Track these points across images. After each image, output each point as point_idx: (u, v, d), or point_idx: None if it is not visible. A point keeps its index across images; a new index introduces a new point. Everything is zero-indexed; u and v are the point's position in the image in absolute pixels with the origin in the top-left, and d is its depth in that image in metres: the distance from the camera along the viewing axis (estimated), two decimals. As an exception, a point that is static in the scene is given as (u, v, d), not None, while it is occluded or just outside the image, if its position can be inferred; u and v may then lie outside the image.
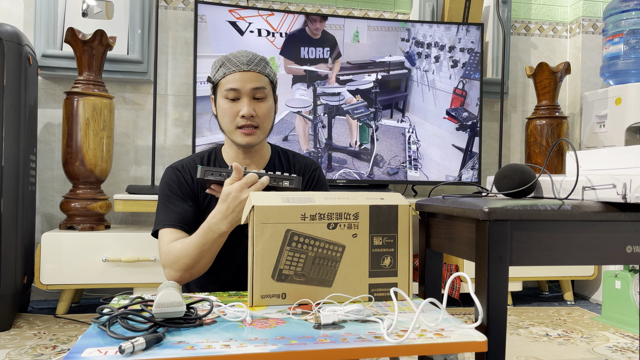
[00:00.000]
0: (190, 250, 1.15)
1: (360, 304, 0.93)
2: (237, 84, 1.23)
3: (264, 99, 1.26)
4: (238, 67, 1.23)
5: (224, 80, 1.25)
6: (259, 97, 1.25)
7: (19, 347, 1.87)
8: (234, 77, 1.23)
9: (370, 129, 2.66)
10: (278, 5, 2.90)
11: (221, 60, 1.26)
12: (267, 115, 1.27)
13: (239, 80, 1.23)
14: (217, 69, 1.26)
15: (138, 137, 2.75)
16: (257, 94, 1.25)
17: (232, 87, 1.23)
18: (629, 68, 2.74)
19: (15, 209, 2.08)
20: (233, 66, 1.24)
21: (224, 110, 1.25)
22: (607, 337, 2.13)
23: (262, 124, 1.27)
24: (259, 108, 1.25)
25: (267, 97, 1.27)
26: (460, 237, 1.01)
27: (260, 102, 1.26)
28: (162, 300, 0.81)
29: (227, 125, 1.26)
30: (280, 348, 0.73)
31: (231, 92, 1.23)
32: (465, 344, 0.79)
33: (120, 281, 2.26)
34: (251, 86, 1.23)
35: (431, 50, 2.72)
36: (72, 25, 2.42)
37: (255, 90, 1.24)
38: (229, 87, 1.23)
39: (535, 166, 1.11)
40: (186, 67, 2.79)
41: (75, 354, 0.71)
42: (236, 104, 1.24)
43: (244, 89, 1.23)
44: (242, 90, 1.23)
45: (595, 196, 0.96)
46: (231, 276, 1.31)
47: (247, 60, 1.24)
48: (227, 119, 1.25)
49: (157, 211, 1.28)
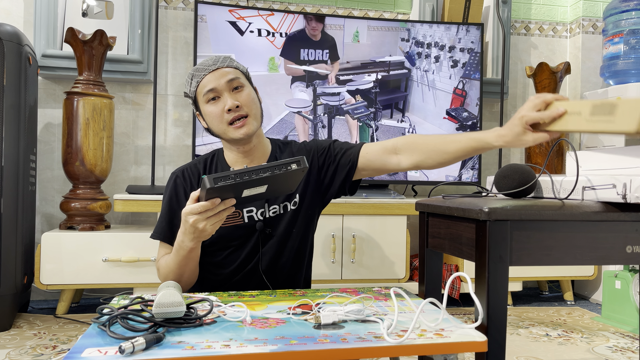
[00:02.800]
0: (170, 267, 1.19)
1: (360, 303, 0.93)
2: (212, 83, 1.25)
3: (242, 87, 1.27)
4: (207, 70, 1.26)
5: (199, 88, 1.27)
6: (237, 87, 1.26)
7: (19, 347, 1.87)
8: (206, 79, 1.26)
9: (370, 129, 2.66)
10: (278, 6, 2.90)
11: (190, 74, 1.30)
12: (252, 102, 1.28)
13: (212, 79, 1.25)
14: (190, 82, 1.30)
15: (138, 137, 2.75)
16: (234, 83, 1.26)
17: (208, 88, 1.25)
18: (629, 68, 2.74)
19: (15, 209, 2.08)
20: (202, 72, 1.27)
21: (209, 114, 1.27)
22: (607, 337, 2.13)
23: (251, 111, 1.27)
24: (241, 97, 1.26)
25: (245, 85, 1.28)
26: (460, 237, 1.01)
27: (240, 91, 1.27)
28: (162, 300, 0.81)
29: (219, 126, 1.27)
30: (280, 348, 0.73)
31: (210, 93, 1.25)
32: (466, 344, 0.79)
33: (120, 281, 2.26)
34: (225, 80, 1.25)
35: (431, 50, 2.72)
36: (72, 25, 2.42)
37: (230, 82, 1.25)
38: (206, 89, 1.25)
39: (535, 166, 1.11)
40: (186, 67, 2.79)
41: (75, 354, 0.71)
42: (218, 102, 1.25)
43: (220, 85, 1.25)
44: (219, 87, 1.25)
45: (595, 196, 0.96)
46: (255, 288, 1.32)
47: (212, 61, 1.27)
48: (217, 120, 1.26)
49: (160, 215, 1.34)
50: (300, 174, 1.03)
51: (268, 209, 1.31)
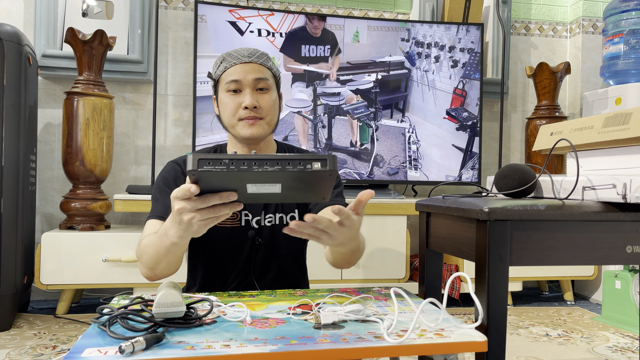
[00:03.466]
0: (150, 248, 1.02)
1: (360, 303, 0.93)
2: (239, 75, 1.18)
3: (267, 90, 1.20)
4: (239, 60, 1.19)
5: (224, 74, 1.20)
6: (262, 88, 1.19)
7: (19, 347, 1.87)
8: (234, 69, 1.18)
9: (370, 129, 2.66)
10: (278, 5, 2.90)
11: (222, 56, 1.22)
12: (272, 107, 1.21)
13: (240, 71, 1.18)
14: (218, 65, 1.22)
15: (138, 137, 2.75)
16: (260, 84, 1.19)
17: (233, 78, 1.18)
18: (629, 68, 2.74)
19: (15, 209, 2.08)
20: (234, 59, 1.19)
21: (225, 104, 1.20)
22: (607, 337, 2.13)
23: (267, 116, 1.20)
24: (263, 99, 1.19)
25: (271, 88, 1.21)
26: (460, 237, 1.01)
27: (264, 93, 1.20)
28: (162, 300, 0.81)
29: (229, 119, 1.20)
30: (281, 348, 0.73)
31: (232, 83, 1.18)
32: (466, 344, 0.79)
33: (120, 281, 2.26)
34: (253, 77, 1.18)
35: (431, 50, 2.71)
36: (72, 25, 2.42)
37: (257, 81, 1.18)
38: (230, 79, 1.18)
39: (535, 166, 1.11)
40: (186, 67, 2.79)
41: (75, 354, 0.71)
42: (238, 96, 1.18)
43: (246, 80, 1.18)
44: (244, 81, 1.18)
45: (595, 196, 0.96)
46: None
47: (249, 53, 1.20)
48: (229, 112, 1.19)
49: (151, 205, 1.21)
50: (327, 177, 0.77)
51: (264, 217, 1.25)
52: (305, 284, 1.37)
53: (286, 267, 1.30)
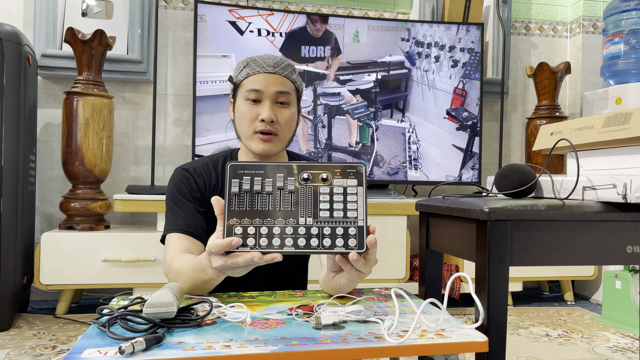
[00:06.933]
0: (184, 276, 1.01)
1: (361, 304, 0.93)
2: (260, 85, 1.14)
3: (287, 105, 1.16)
4: (263, 69, 1.15)
5: (246, 81, 1.16)
6: (282, 102, 1.16)
7: (19, 347, 1.87)
8: (257, 78, 1.14)
9: (370, 129, 2.66)
10: (278, 5, 2.89)
11: (246, 61, 1.18)
12: (289, 124, 1.17)
13: (262, 81, 1.14)
14: (241, 69, 1.18)
15: (138, 137, 2.75)
16: (281, 98, 1.15)
17: (254, 87, 1.14)
18: (629, 68, 2.74)
19: (15, 209, 2.07)
20: (258, 67, 1.15)
21: (242, 113, 1.16)
22: (607, 337, 2.12)
23: (282, 132, 1.16)
24: (281, 114, 1.15)
25: (291, 103, 1.17)
26: (460, 237, 1.01)
27: (283, 107, 1.16)
28: (153, 300, 0.81)
29: (245, 130, 1.16)
30: (281, 349, 0.73)
31: (253, 92, 1.14)
32: (466, 344, 0.79)
33: (119, 281, 2.25)
34: (275, 89, 1.14)
35: (431, 50, 2.71)
36: (72, 25, 2.42)
37: (278, 94, 1.15)
38: (251, 87, 1.14)
39: (536, 166, 1.11)
40: (186, 67, 2.79)
41: (75, 354, 0.71)
42: (256, 107, 1.15)
43: (267, 91, 1.14)
44: (265, 92, 1.14)
45: (595, 196, 0.96)
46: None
47: (274, 62, 1.16)
48: (245, 122, 1.15)
49: (166, 216, 1.19)
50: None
51: None
52: (305, 285, 1.37)
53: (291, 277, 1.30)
